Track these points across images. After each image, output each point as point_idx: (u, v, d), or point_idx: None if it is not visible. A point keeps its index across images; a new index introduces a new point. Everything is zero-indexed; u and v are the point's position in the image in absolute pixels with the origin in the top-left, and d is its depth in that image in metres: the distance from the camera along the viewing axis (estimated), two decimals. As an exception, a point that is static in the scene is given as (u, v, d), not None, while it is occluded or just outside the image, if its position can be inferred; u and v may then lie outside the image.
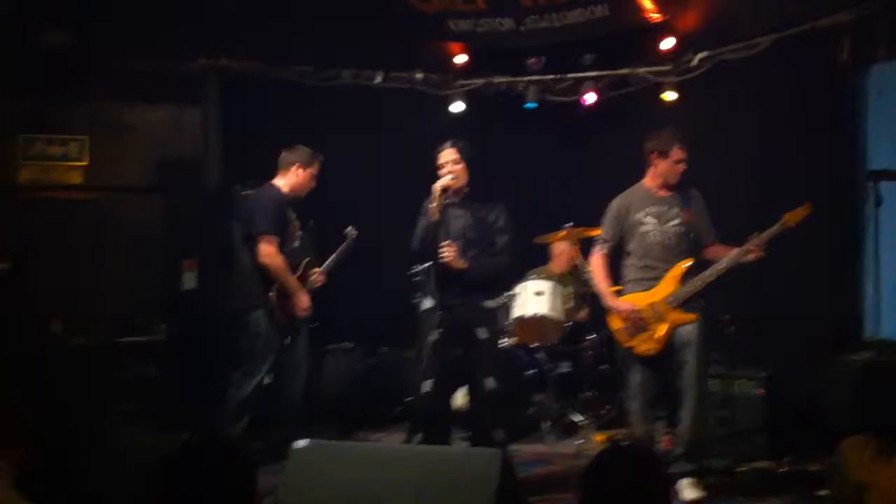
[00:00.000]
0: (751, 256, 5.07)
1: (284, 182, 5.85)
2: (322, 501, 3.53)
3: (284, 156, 5.88)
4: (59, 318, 6.25)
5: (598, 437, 6.38)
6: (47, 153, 6.88)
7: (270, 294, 5.65)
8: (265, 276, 5.63)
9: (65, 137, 6.89)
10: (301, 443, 3.76)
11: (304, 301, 5.73)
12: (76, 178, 6.95)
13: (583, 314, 6.82)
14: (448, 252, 4.94)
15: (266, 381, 5.70)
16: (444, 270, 5.04)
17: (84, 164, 6.94)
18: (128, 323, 6.38)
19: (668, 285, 5.13)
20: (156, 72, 6.86)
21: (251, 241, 5.64)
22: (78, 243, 6.57)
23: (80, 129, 6.93)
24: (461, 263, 5.00)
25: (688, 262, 5.14)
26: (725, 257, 5.10)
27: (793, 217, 5.06)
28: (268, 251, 5.57)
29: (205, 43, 7.01)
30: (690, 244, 5.20)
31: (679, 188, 5.28)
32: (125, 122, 7.07)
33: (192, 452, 2.47)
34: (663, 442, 5.70)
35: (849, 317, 6.11)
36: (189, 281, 6.91)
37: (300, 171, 5.86)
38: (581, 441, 6.29)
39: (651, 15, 7.15)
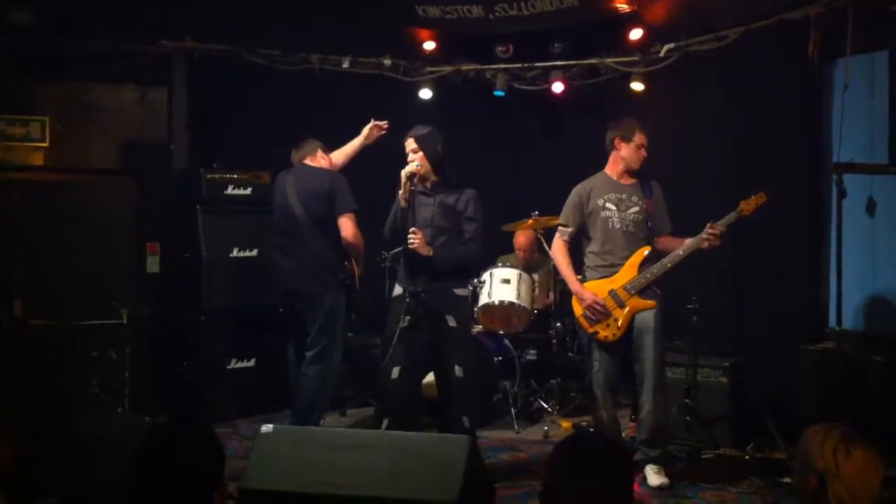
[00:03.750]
0: (705, 245, 5.12)
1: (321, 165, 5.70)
2: (288, 487, 3.52)
3: (303, 147, 5.69)
4: (19, 300, 6.14)
5: (565, 424, 6.43)
6: (8, 133, 6.75)
7: (348, 274, 5.57)
8: (342, 255, 5.51)
9: (25, 118, 6.77)
10: (267, 428, 3.74)
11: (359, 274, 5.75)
12: (37, 160, 6.83)
13: (549, 302, 6.86)
14: (415, 238, 4.93)
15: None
16: (412, 257, 5.03)
17: (45, 145, 6.82)
18: (92, 305, 6.29)
19: (627, 272, 5.20)
20: (121, 52, 6.76)
21: (329, 221, 5.43)
22: (40, 225, 6.46)
23: (44, 110, 6.81)
24: (427, 250, 4.99)
25: (647, 250, 5.22)
26: (682, 246, 5.16)
27: (748, 205, 5.14)
28: (357, 230, 5.42)
29: (171, 24, 6.92)
30: (649, 232, 5.28)
31: (641, 178, 5.34)
32: (89, 102, 6.96)
33: (161, 436, 2.44)
34: (629, 429, 5.76)
35: (813, 307, 6.20)
36: (153, 265, 6.83)
37: (325, 155, 5.74)
38: (548, 428, 6.33)
39: (620, 5, 7.18)
